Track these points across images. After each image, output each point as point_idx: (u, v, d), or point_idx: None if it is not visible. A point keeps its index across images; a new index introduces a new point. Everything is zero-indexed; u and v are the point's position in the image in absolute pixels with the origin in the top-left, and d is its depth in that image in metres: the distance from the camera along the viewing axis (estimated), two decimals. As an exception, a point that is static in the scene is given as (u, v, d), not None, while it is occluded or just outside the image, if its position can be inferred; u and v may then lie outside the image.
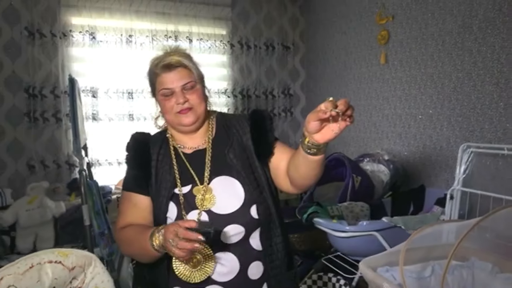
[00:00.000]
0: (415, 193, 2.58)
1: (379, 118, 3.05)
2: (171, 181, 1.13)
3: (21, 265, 0.99)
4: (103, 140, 3.22)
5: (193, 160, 1.16)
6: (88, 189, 1.87)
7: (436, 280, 1.49)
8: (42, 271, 1.01)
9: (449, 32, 2.39)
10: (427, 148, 2.62)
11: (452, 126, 2.41)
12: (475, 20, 2.22)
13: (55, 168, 3.13)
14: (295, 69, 4.00)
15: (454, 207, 2.05)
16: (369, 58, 3.11)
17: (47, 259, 1.04)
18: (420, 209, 2.52)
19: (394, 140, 2.91)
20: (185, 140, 1.21)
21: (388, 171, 2.75)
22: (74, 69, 3.12)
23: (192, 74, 1.15)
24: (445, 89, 2.44)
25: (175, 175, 1.14)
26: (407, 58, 2.73)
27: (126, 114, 3.30)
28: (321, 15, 3.74)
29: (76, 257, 1.09)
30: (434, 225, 1.45)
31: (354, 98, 3.31)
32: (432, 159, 2.58)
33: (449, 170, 2.41)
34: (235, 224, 1.08)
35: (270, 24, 3.85)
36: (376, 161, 2.84)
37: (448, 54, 2.40)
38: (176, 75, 1.13)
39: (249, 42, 3.75)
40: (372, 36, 3.04)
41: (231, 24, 3.67)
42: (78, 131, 1.84)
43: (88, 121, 3.11)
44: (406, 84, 2.75)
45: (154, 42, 3.35)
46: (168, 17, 3.41)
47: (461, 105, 2.34)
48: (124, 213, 1.18)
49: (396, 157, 2.81)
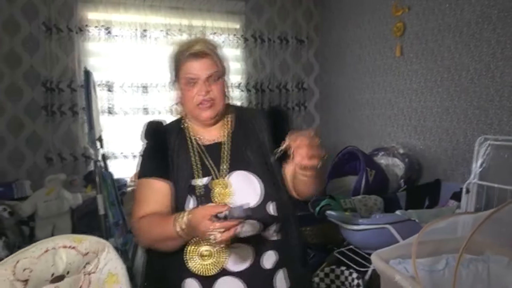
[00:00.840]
0: (430, 188, 2.54)
1: (394, 112, 3.00)
2: (188, 172, 1.12)
3: (36, 249, 1.02)
4: (118, 133, 3.27)
5: (210, 152, 1.16)
6: (103, 180, 1.91)
7: (450, 273, 1.47)
8: (56, 256, 1.04)
9: (467, 22, 2.33)
10: (443, 142, 2.57)
11: (469, 119, 2.36)
12: (494, 10, 2.16)
13: (72, 160, 3.19)
14: (309, 63, 3.98)
15: (470, 201, 2.00)
16: (384, 51, 3.06)
17: (62, 244, 1.06)
18: (435, 204, 2.48)
19: (409, 133, 2.87)
20: (202, 132, 1.20)
21: (403, 165, 2.71)
22: (90, 63, 3.17)
23: (218, 66, 1.14)
24: (462, 81, 2.39)
25: (192, 166, 1.13)
26: (423, 50, 2.68)
27: (141, 108, 3.33)
28: (335, 8, 3.69)
29: (90, 243, 1.11)
30: (447, 218, 1.42)
31: (368, 92, 3.27)
32: (448, 153, 2.54)
33: (465, 164, 2.36)
34: (252, 220, 1.07)
35: (284, 18, 3.83)
36: (391, 155, 2.80)
37: (466, 45, 2.35)
38: (203, 64, 1.11)
39: (262, 36, 3.74)
40: (387, 28, 2.99)
41: (244, 18, 3.66)
42: (93, 122, 1.87)
43: (104, 114, 3.16)
44: (422, 77, 2.70)
45: (169, 37, 3.38)
46: (182, 11, 3.42)
47: (478, 97, 2.29)
48: (144, 201, 1.14)
49: (411, 151, 2.77)
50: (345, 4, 3.53)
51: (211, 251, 1.05)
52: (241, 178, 1.12)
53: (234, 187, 1.10)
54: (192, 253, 1.06)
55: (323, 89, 4.00)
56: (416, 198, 2.54)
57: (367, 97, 3.29)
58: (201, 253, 1.05)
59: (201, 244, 1.06)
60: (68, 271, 1.06)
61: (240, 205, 0.98)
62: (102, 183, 1.89)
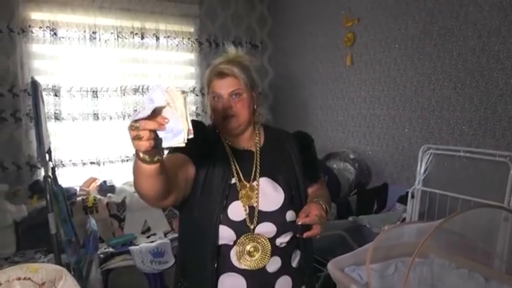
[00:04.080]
0: (379, 191, 2.69)
1: (345, 118, 3.14)
2: (223, 171, 1.19)
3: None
4: (66, 140, 3.12)
5: (241, 157, 1.25)
6: (54, 196, 1.81)
7: (399, 277, 1.58)
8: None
9: (411, 37, 2.49)
10: (390, 148, 2.74)
11: (413, 127, 2.53)
12: (435, 27, 2.34)
13: (15, 170, 2.99)
14: (263, 67, 4.03)
15: (415, 206, 2.16)
16: (335, 60, 3.18)
17: (15, 275, 1.01)
18: (384, 206, 2.64)
19: (359, 139, 3.01)
20: (232, 140, 1.28)
21: (353, 170, 2.85)
22: (34, 66, 2.98)
23: (241, 83, 1.22)
24: (407, 92, 2.55)
25: (225, 166, 1.21)
26: (371, 60, 2.82)
27: (90, 113, 3.20)
28: (288, 15, 3.78)
29: (46, 272, 1.06)
30: (398, 227, 1.53)
31: (321, 98, 3.39)
32: (394, 158, 2.70)
33: (410, 168, 2.53)
34: (270, 223, 1.16)
35: (238, 23, 3.85)
36: (342, 159, 2.93)
37: (410, 58, 2.51)
38: (226, 83, 1.21)
39: (217, 40, 3.73)
40: (338, 38, 3.11)
41: (199, 21, 3.63)
42: (42, 137, 1.77)
43: (50, 121, 2.99)
44: (370, 86, 2.85)
45: (120, 39, 3.26)
46: (134, 13, 3.32)
47: (421, 107, 2.46)
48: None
49: (361, 156, 2.92)
50: (298, 11, 3.62)
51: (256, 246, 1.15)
52: (267, 184, 1.22)
53: (260, 191, 1.20)
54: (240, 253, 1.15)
55: (277, 94, 4.08)
56: (366, 201, 2.68)
57: (319, 104, 3.41)
58: (248, 251, 1.15)
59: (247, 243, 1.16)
60: (24, 304, 1.01)
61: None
62: (54, 200, 1.80)
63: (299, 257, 1.28)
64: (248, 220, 1.15)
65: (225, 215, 1.14)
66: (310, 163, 1.33)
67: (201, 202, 1.16)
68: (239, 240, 1.14)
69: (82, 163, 3.21)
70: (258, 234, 1.15)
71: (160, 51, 3.44)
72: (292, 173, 1.27)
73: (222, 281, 1.17)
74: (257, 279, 1.17)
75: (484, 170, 1.95)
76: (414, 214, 2.17)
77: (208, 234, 1.14)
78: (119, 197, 3.02)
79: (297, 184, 1.26)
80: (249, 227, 1.14)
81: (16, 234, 2.69)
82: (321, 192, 1.34)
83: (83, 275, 1.83)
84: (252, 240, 1.15)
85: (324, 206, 1.20)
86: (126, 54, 3.31)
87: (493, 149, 1.96)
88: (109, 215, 2.93)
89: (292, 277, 1.24)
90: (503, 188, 1.77)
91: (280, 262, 1.20)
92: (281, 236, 1.19)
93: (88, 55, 3.16)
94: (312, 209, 1.17)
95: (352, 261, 1.59)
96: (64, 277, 1.10)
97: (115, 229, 2.94)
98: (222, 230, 1.14)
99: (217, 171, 1.19)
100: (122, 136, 3.25)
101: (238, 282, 1.16)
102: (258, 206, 1.17)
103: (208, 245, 1.14)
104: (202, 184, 1.17)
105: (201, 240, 1.16)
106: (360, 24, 2.90)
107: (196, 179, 1.17)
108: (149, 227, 3.03)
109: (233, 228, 1.14)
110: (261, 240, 1.15)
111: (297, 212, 1.21)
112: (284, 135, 1.37)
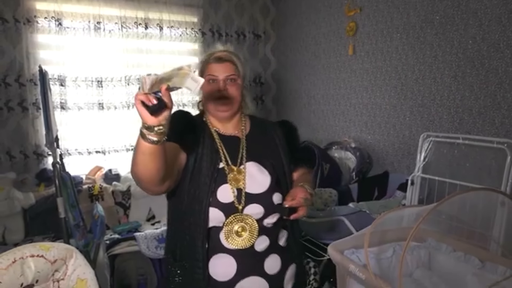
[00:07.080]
0: (379, 179, 2.73)
1: (346, 107, 3.17)
2: (211, 156, 1.25)
3: (3, 260, 1.01)
4: (72, 129, 3.17)
5: (228, 143, 1.30)
6: (62, 182, 1.87)
7: (397, 259, 1.63)
8: (25, 265, 1.04)
9: (413, 26, 2.51)
10: (391, 136, 2.77)
11: (414, 115, 2.56)
12: (436, 16, 2.35)
13: (22, 158, 3.05)
14: (266, 57, 4.05)
15: (414, 192, 2.20)
16: (337, 49, 3.20)
17: (29, 253, 1.06)
18: (384, 194, 2.68)
19: (360, 128, 3.04)
20: (220, 126, 1.34)
21: (354, 158, 2.89)
22: (40, 56, 3.03)
23: (237, 70, 1.30)
24: (408, 80, 2.57)
25: (212, 152, 1.26)
26: (373, 49, 2.84)
27: (95, 102, 3.24)
28: (292, 5, 3.78)
29: (57, 250, 1.11)
30: (395, 210, 1.57)
31: (323, 87, 3.41)
32: (395, 147, 2.74)
33: (410, 157, 2.57)
34: (258, 204, 1.22)
35: (241, 12, 3.86)
36: (344, 148, 2.97)
37: (412, 47, 2.53)
38: (223, 67, 1.28)
39: (220, 30, 3.75)
40: (341, 27, 3.13)
41: (202, 11, 3.65)
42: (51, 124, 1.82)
43: (56, 110, 3.04)
44: (372, 75, 2.87)
45: (124, 30, 3.29)
46: (138, 3, 3.34)
47: (422, 96, 2.48)
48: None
49: (362, 145, 2.95)
50: (302, 1, 3.63)
51: (244, 226, 1.20)
52: (254, 168, 1.28)
53: (247, 174, 1.25)
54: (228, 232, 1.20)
55: (280, 84, 4.10)
56: (367, 189, 2.72)
57: (321, 93, 3.44)
58: (236, 231, 1.19)
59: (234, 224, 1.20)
60: (37, 280, 1.06)
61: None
62: (62, 185, 1.86)
63: (286, 236, 1.33)
64: (237, 202, 1.20)
65: (214, 198, 1.20)
66: (294, 149, 1.40)
67: (191, 186, 1.21)
68: (227, 220, 1.19)
69: (87, 152, 3.26)
70: (246, 215, 1.20)
71: (164, 41, 3.47)
72: (277, 158, 1.33)
73: (213, 262, 1.21)
74: (247, 258, 1.22)
75: (482, 157, 1.98)
76: (414, 200, 2.20)
77: (198, 217, 1.18)
78: (124, 186, 3.08)
79: (282, 168, 1.33)
80: (237, 208, 1.20)
81: (25, 221, 2.77)
82: (306, 177, 1.40)
83: (91, 258, 1.89)
84: (240, 221, 1.20)
85: (309, 190, 1.25)
86: (130, 44, 3.34)
87: (492, 136, 1.98)
88: (114, 203, 3.00)
89: (280, 256, 1.29)
90: (501, 174, 1.80)
91: (268, 241, 1.25)
92: (268, 217, 1.24)
93: (92, 45, 3.20)
94: (298, 192, 1.22)
95: (351, 244, 1.64)
96: (75, 256, 1.15)
97: (120, 217, 3.01)
98: (212, 212, 1.19)
99: (205, 156, 1.24)
100: (127, 125, 3.31)
101: (228, 262, 1.21)
102: (245, 188, 1.22)
103: (199, 227, 1.19)
104: (192, 169, 1.22)
105: (192, 223, 1.20)
106: (362, 14, 2.91)
107: (186, 165, 1.22)
108: (153, 214, 3.09)
109: (222, 209, 1.19)
110: (248, 220, 1.20)
111: (283, 194, 1.26)
112: (269, 124, 1.44)
